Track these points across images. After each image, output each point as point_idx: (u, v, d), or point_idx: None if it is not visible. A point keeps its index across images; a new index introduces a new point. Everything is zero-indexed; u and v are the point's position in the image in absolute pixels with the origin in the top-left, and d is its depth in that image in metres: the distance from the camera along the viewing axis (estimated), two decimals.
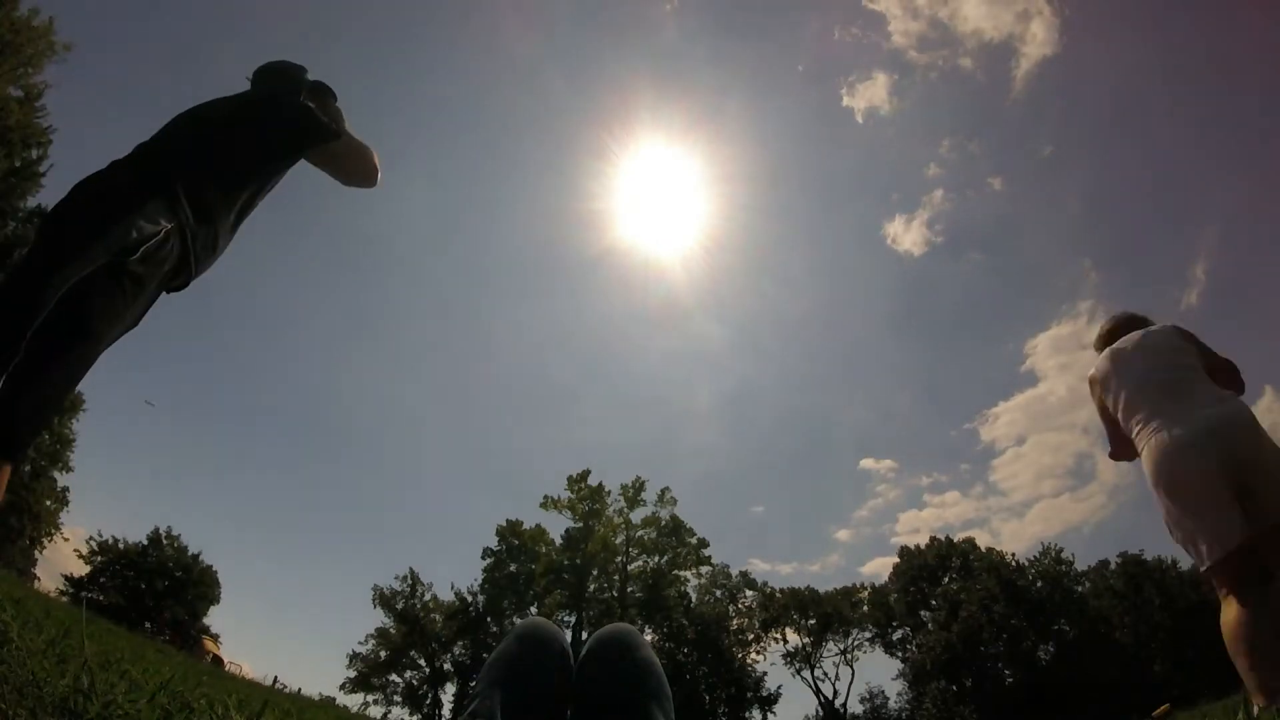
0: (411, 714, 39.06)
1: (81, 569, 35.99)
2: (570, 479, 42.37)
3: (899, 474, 62.19)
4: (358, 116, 2.51)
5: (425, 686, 39.67)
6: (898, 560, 42.10)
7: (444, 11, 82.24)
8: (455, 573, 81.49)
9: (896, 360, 72.50)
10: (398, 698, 39.25)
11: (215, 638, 37.36)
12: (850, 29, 70.86)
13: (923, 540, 42.61)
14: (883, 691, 39.93)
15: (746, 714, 38.98)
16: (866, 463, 67.17)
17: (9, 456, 1.73)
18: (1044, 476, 62.89)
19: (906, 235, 69.22)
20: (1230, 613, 2.27)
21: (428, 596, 41.57)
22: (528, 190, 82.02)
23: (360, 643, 40.51)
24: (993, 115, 69.43)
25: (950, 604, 38.20)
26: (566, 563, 40.77)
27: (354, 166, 2.41)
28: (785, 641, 40.90)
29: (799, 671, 40.16)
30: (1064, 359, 63.49)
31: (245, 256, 62.17)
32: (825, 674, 40.25)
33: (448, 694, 39.51)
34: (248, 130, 2.17)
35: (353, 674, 39.25)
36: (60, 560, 35.78)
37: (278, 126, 2.23)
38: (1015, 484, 65.86)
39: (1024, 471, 65.22)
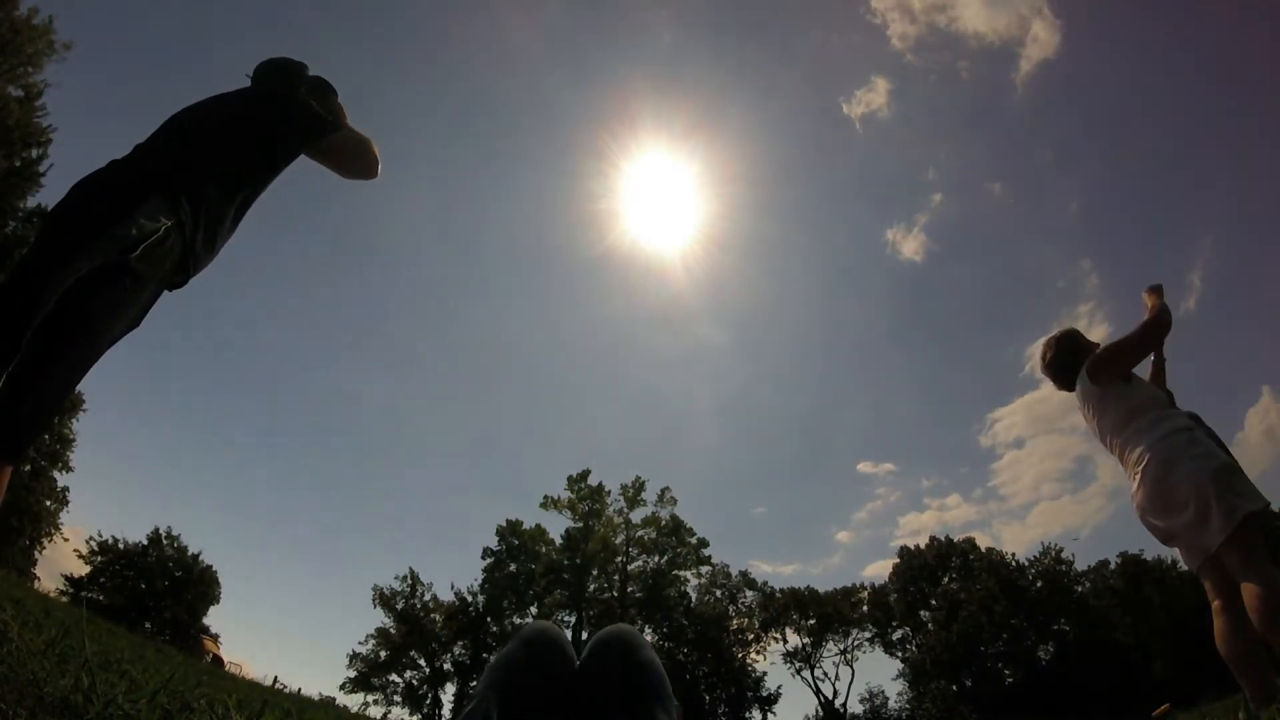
0: (411, 714, 39.08)
1: (81, 569, 35.99)
2: (570, 479, 42.38)
3: (899, 477, 62.28)
4: (360, 119, 2.51)
5: (425, 686, 39.65)
6: (897, 560, 42.14)
7: (445, 11, 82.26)
8: (455, 573, 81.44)
9: (897, 364, 72.53)
10: (398, 698, 39.24)
11: (215, 638, 37.34)
12: (850, 34, 71.00)
13: (923, 543, 42.65)
14: (883, 691, 39.96)
15: (746, 714, 38.99)
16: (867, 465, 67.29)
17: (10, 459, 1.71)
18: (1044, 480, 62.93)
19: (907, 239, 69.40)
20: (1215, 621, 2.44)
21: (428, 596, 41.58)
22: (528, 190, 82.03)
23: (360, 643, 40.53)
24: (993, 119, 69.54)
25: (950, 604, 38.17)
26: (566, 563, 40.75)
27: (353, 160, 2.37)
28: (785, 641, 40.94)
29: (799, 671, 40.19)
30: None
31: (248, 256, 62.23)
32: (825, 674, 40.29)
33: (448, 694, 39.54)
34: (246, 127, 2.16)
35: (353, 674, 39.26)
36: (60, 560, 35.77)
37: (277, 123, 2.21)
38: (1015, 487, 65.88)
39: (1024, 475, 65.27)
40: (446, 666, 40.18)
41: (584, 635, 37.12)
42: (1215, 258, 61.02)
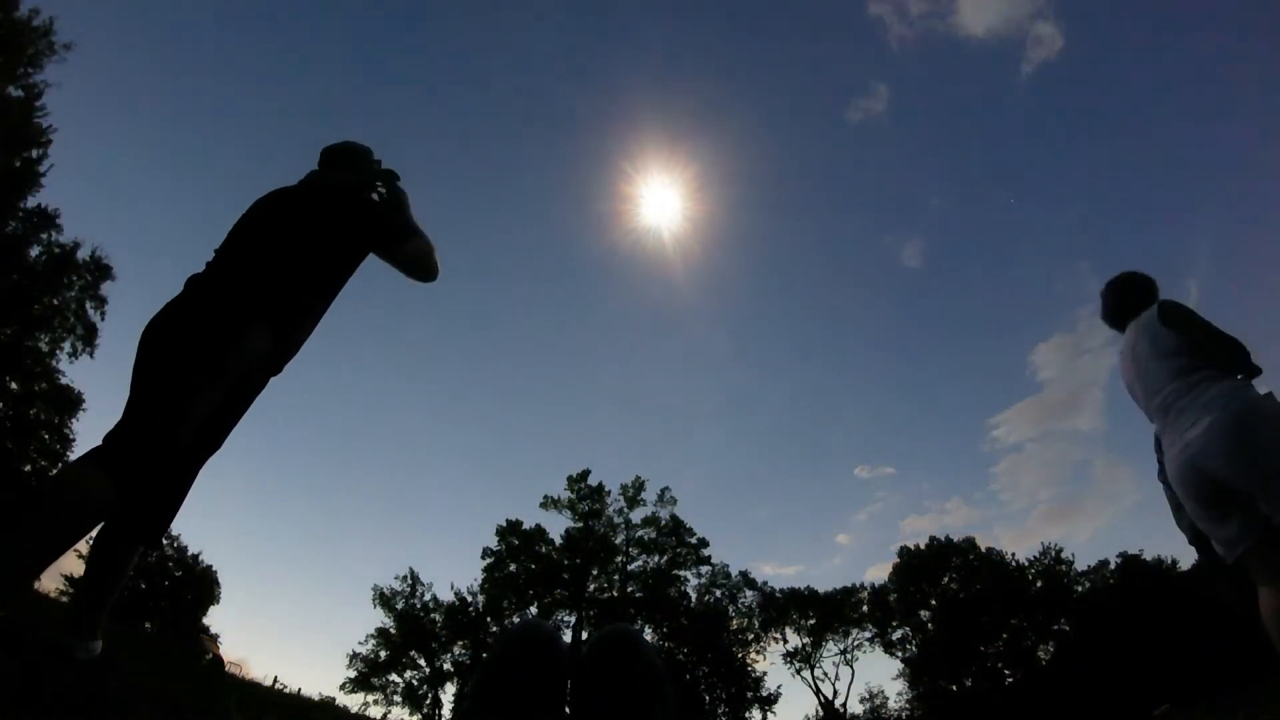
0: (411, 714, 39.07)
1: (81, 569, 35.97)
2: (570, 479, 42.37)
3: (899, 480, 62.32)
4: (361, 117, 2.50)
5: (425, 686, 39.64)
6: (897, 560, 42.16)
7: (445, 9, 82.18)
8: (455, 573, 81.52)
9: (897, 367, 72.36)
10: (398, 698, 39.24)
11: (215, 638, 37.32)
12: (850, 38, 70.94)
13: (923, 544, 42.62)
14: (883, 691, 39.99)
15: (746, 714, 38.98)
16: (867, 469, 67.26)
17: (153, 546, 2.05)
18: (1044, 483, 63.00)
19: (906, 244, 69.39)
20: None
21: (428, 596, 41.57)
22: (529, 190, 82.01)
23: (360, 643, 40.53)
24: (992, 122, 69.52)
25: (950, 604, 38.18)
26: (566, 562, 40.75)
27: (417, 270, 2.38)
28: (785, 641, 40.94)
29: (799, 671, 40.17)
30: (1065, 366, 63.75)
31: None
32: (825, 674, 40.27)
33: (448, 694, 39.50)
34: (328, 239, 2.23)
35: (353, 674, 39.23)
36: (60, 560, 35.71)
37: (358, 234, 2.29)
38: (1016, 491, 65.90)
39: (1025, 478, 65.30)
40: (446, 666, 40.17)
41: (584, 635, 37.14)
42: (1213, 260, 61.26)
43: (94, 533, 1.98)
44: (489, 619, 40.63)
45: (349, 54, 77.25)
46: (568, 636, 37.10)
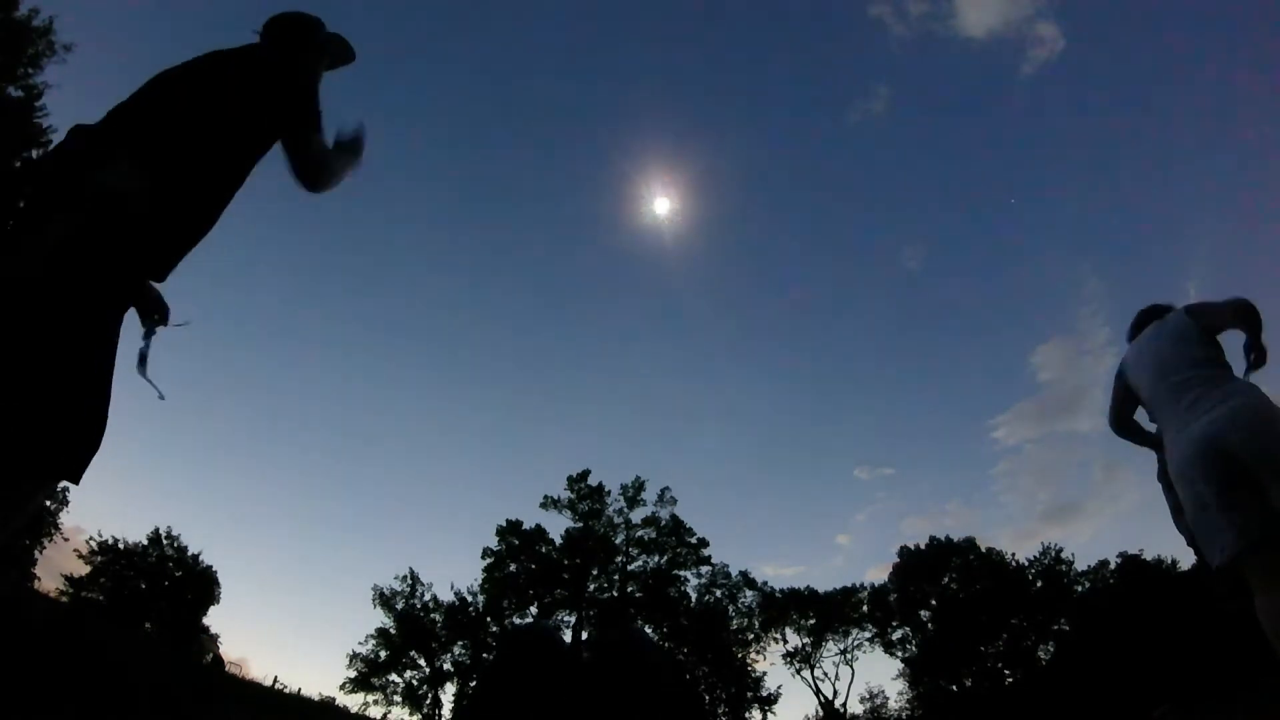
0: (411, 714, 39.10)
1: (82, 569, 35.98)
2: (570, 479, 42.38)
3: (899, 481, 62.36)
4: (361, 114, 2.33)
5: (425, 686, 39.66)
6: (897, 560, 42.18)
7: (443, 5, 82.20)
8: (455, 573, 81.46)
9: (897, 368, 72.40)
10: (398, 698, 39.27)
11: (215, 638, 37.42)
12: (850, 38, 70.97)
13: (923, 544, 42.63)
14: (883, 691, 40.04)
15: (746, 714, 39.02)
16: (868, 469, 67.33)
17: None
18: (1044, 484, 63.05)
19: (907, 243, 69.44)
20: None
21: (428, 596, 41.58)
22: (528, 189, 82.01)
23: (360, 643, 40.52)
24: (993, 123, 69.49)
25: (950, 604, 38.19)
26: (566, 563, 40.77)
27: (314, 170, 1.87)
28: (785, 641, 40.98)
29: (799, 671, 40.21)
30: (1065, 367, 63.84)
31: (244, 250, 62.25)
32: (825, 674, 40.31)
33: (448, 694, 39.54)
34: (238, 101, 1.75)
35: (353, 674, 39.24)
36: (60, 560, 35.80)
37: (276, 105, 1.81)
38: (1016, 492, 65.91)
39: (1025, 479, 65.37)
40: (446, 666, 40.19)
41: (584, 635, 37.17)
42: (1212, 262, 61.37)
43: None
44: (489, 619, 40.65)
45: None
46: (568, 636, 37.09)
